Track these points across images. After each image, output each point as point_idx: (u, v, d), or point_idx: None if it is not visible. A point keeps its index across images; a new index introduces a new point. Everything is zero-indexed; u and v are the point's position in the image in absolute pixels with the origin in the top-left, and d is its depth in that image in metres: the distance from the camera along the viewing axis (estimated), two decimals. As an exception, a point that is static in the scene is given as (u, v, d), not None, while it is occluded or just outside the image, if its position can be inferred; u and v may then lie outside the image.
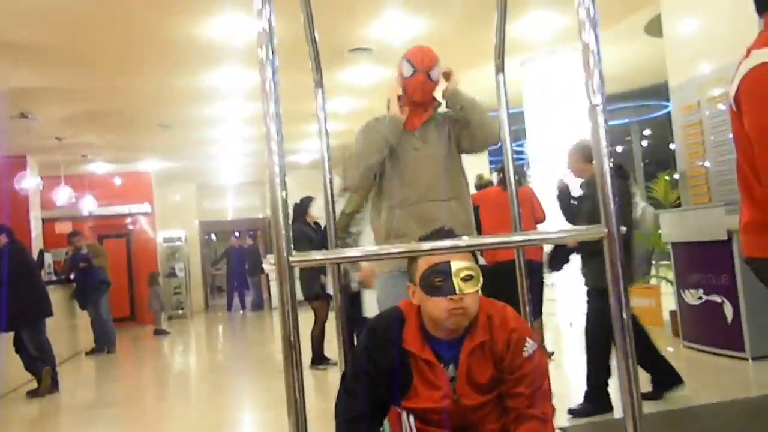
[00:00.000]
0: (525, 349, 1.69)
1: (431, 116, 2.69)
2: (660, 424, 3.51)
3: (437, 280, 1.64)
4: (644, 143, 15.67)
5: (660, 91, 11.32)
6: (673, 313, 5.98)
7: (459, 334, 1.70)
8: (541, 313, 5.41)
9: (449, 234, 1.79)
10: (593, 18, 1.37)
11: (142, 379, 7.14)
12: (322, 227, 6.46)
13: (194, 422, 4.76)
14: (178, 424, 4.79)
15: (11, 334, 5.77)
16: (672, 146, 6.33)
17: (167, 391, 6.34)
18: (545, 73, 8.03)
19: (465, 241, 1.69)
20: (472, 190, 5.33)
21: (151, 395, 6.14)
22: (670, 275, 5.88)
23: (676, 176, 6.22)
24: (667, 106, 13.34)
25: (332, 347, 6.41)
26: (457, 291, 1.62)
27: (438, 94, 2.72)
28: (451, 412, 1.67)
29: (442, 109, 2.78)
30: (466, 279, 1.63)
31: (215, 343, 10.51)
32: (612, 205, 1.46)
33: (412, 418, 1.71)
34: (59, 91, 7.34)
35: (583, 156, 3.90)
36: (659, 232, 6.09)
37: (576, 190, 4.15)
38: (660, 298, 6.66)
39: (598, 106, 1.35)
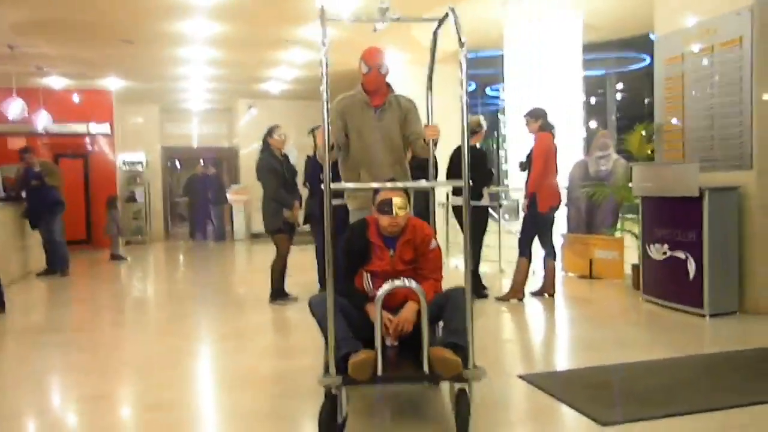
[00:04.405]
0: (431, 244, 3.10)
1: (387, 99, 3.63)
2: (612, 376, 3.52)
3: (385, 207, 2.99)
4: (618, 96, 15.54)
5: (639, 44, 11.14)
6: (635, 267, 6.02)
7: (396, 234, 3.05)
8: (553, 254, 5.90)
9: (394, 182, 3.20)
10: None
11: (96, 304, 6.95)
12: (290, 159, 6.30)
13: (147, 350, 4.63)
14: (130, 352, 4.64)
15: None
16: (647, 101, 6.20)
17: (121, 317, 6.15)
18: (527, 15, 7.76)
19: (395, 184, 3.11)
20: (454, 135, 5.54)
21: (104, 321, 5.96)
22: (636, 229, 5.88)
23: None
24: (644, 59, 13.16)
25: (293, 282, 6.30)
26: (394, 214, 2.97)
27: (389, 80, 3.64)
28: (389, 272, 3.01)
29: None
30: (400, 208, 2.98)
31: (173, 271, 10.33)
32: (466, 164, 2.71)
33: (369, 276, 3.08)
34: (11, -7, 6.80)
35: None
36: (629, 185, 6.06)
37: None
38: (623, 251, 6.69)
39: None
